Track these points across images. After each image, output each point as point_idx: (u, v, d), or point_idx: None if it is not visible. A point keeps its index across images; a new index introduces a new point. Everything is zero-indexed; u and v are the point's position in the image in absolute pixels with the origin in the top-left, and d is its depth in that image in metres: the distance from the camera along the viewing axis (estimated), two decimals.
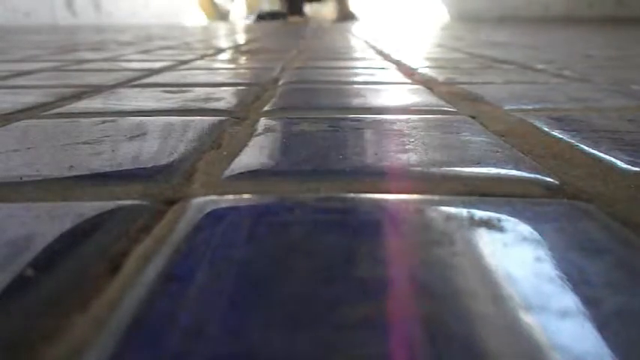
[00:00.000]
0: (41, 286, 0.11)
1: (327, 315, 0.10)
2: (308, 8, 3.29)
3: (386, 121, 0.28)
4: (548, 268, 0.12)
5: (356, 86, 0.41)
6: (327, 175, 0.19)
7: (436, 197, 0.16)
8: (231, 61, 0.67)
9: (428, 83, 0.43)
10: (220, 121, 0.28)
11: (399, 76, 0.48)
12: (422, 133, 0.25)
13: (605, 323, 0.09)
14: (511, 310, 0.10)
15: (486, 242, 0.13)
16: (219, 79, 0.47)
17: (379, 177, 0.18)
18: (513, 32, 1.46)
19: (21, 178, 0.18)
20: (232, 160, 0.20)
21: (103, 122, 0.28)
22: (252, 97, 0.36)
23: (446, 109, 0.32)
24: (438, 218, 0.14)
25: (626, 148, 0.22)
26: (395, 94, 0.37)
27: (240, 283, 0.11)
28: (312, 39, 1.17)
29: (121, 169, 0.19)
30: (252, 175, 0.19)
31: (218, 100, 0.35)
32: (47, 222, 0.14)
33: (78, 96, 0.38)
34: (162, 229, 0.14)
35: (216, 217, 0.15)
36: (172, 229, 0.14)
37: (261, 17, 3.16)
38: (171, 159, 0.21)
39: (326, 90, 0.39)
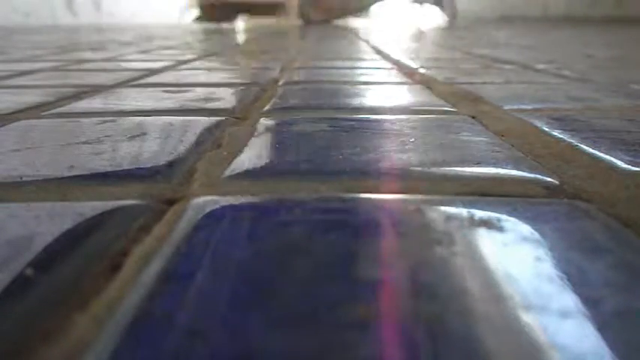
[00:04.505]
0: (41, 286, 0.11)
1: (326, 315, 0.10)
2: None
3: (386, 120, 0.28)
4: (548, 268, 0.12)
5: (356, 86, 0.41)
6: (327, 175, 0.19)
7: (436, 197, 0.16)
8: (231, 61, 0.67)
9: (428, 83, 0.43)
10: (220, 121, 0.28)
11: (399, 76, 0.48)
12: (422, 133, 0.25)
13: (605, 323, 0.09)
14: (511, 310, 0.10)
15: (486, 242, 0.13)
16: (219, 79, 0.47)
17: (379, 177, 0.18)
18: (513, 32, 1.46)
19: (21, 178, 0.18)
20: (232, 160, 0.20)
21: (103, 122, 0.28)
22: (252, 97, 0.36)
23: (446, 109, 0.32)
24: (438, 218, 0.14)
25: (626, 148, 0.22)
26: (395, 93, 0.37)
27: (240, 283, 0.11)
28: (311, 39, 1.17)
29: (120, 169, 0.19)
30: (253, 175, 0.19)
31: (218, 100, 0.35)
32: (47, 222, 0.14)
33: (78, 96, 0.37)
34: (162, 229, 0.14)
35: (216, 217, 0.15)
36: (172, 229, 0.14)
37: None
38: (171, 159, 0.21)
39: (326, 90, 0.39)
